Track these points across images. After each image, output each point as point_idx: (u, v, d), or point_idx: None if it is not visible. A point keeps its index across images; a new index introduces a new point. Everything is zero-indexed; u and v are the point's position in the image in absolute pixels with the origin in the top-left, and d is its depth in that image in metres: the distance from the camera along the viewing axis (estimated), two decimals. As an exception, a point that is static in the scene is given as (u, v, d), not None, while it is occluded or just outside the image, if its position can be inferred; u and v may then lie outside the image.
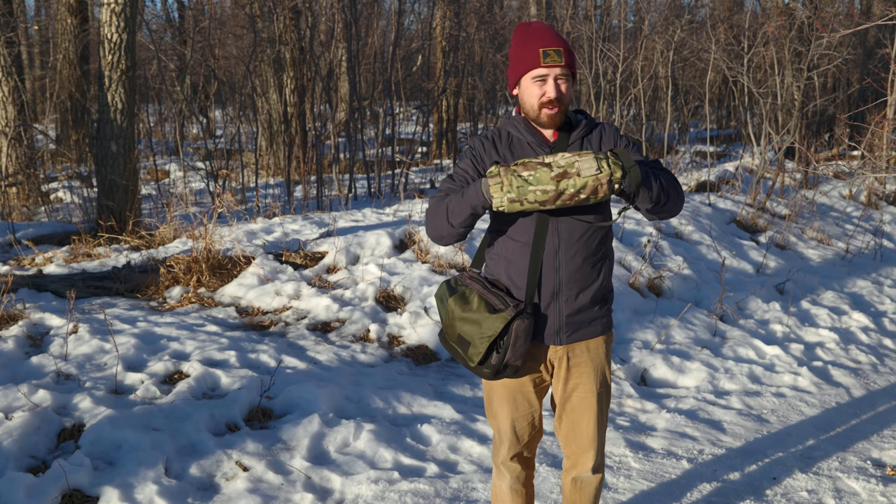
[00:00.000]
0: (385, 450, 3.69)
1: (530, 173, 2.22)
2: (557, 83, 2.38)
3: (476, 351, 2.40)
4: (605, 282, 2.54)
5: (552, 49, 2.35)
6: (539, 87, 2.40)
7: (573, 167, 2.21)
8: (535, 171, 2.22)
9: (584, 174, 2.21)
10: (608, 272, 2.55)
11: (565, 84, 2.39)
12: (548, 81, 2.38)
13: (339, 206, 9.41)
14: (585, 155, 2.21)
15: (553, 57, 2.35)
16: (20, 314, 4.94)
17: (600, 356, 2.56)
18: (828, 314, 5.98)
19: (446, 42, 14.34)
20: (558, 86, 2.38)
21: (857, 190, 9.79)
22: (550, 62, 2.35)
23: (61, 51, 13.78)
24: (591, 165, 2.21)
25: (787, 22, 10.69)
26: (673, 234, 7.32)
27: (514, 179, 2.22)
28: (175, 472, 3.38)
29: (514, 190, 2.23)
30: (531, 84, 2.41)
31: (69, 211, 9.43)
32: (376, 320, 5.22)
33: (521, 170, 2.23)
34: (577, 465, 2.64)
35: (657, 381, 4.88)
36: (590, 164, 2.21)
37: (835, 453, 3.98)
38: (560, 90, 2.38)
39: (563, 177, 2.21)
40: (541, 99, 2.39)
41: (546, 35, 2.40)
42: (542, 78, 2.39)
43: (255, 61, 12.12)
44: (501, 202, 2.24)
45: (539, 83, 2.39)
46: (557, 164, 2.22)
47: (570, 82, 2.41)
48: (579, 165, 2.21)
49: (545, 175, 2.22)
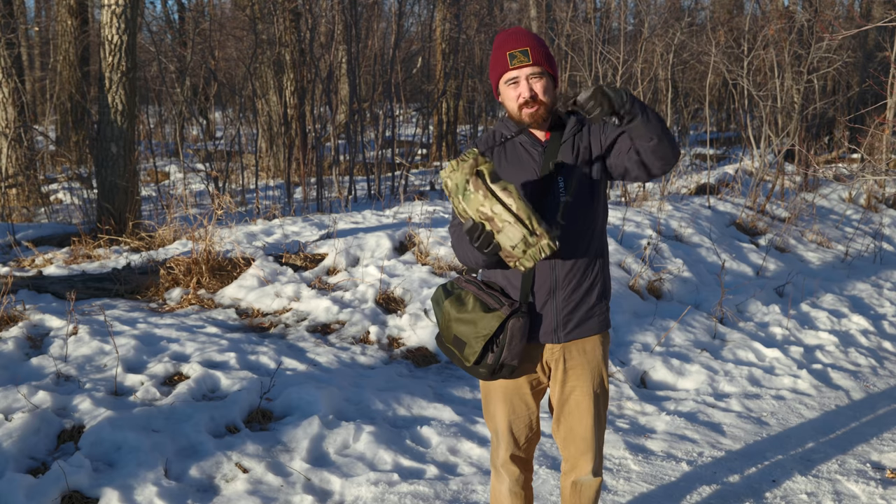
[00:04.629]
0: (385, 452, 3.69)
1: (471, 190, 2.18)
2: (530, 82, 2.38)
3: (472, 351, 2.42)
4: (602, 277, 2.54)
5: (518, 50, 2.35)
6: (514, 89, 2.40)
7: (502, 223, 2.15)
8: (478, 191, 2.17)
9: (502, 237, 2.17)
10: (604, 268, 2.55)
11: (539, 82, 2.38)
12: (520, 83, 2.38)
13: (339, 207, 9.42)
14: (517, 226, 2.15)
15: (519, 58, 2.35)
16: (20, 315, 4.94)
17: (597, 357, 2.56)
18: (827, 317, 5.98)
19: (446, 44, 14.36)
20: (531, 85, 2.38)
21: (856, 193, 9.79)
22: (518, 63, 2.35)
23: (61, 52, 13.79)
24: (514, 238, 2.16)
25: (786, 25, 10.70)
26: (673, 236, 7.32)
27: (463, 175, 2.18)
28: (175, 474, 3.39)
29: (452, 183, 2.21)
30: (506, 88, 2.42)
31: (69, 212, 9.43)
32: (376, 322, 5.22)
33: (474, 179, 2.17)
34: (576, 468, 2.63)
35: (657, 384, 4.88)
36: (515, 237, 2.16)
37: (834, 456, 3.99)
38: (534, 89, 2.38)
39: (488, 220, 2.18)
40: (517, 101, 2.40)
41: (514, 38, 2.39)
42: (514, 80, 2.39)
43: (255, 63, 12.13)
44: (442, 178, 2.24)
45: (513, 86, 2.40)
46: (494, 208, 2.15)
47: (547, 79, 2.40)
48: (507, 229, 2.15)
49: (476, 202, 2.18)
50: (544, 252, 2.19)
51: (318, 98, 12.13)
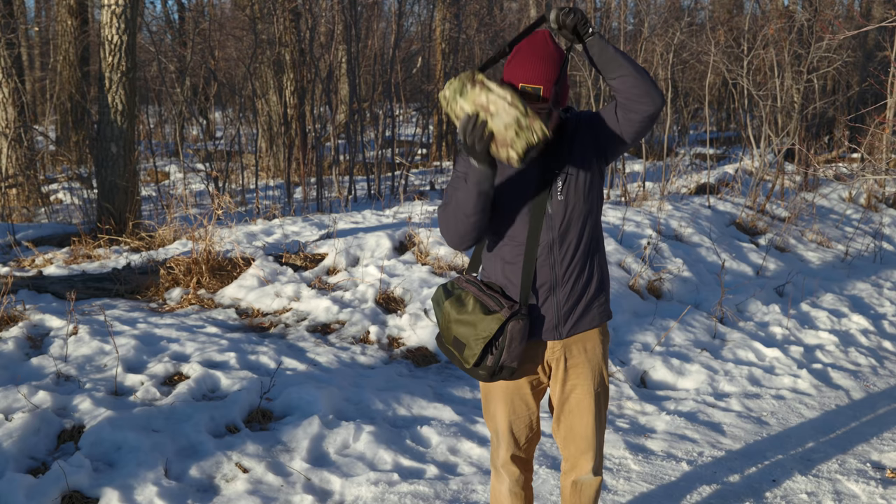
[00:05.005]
0: (385, 451, 3.69)
1: (468, 85, 2.24)
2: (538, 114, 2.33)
3: (471, 353, 2.42)
4: (600, 270, 2.55)
5: (530, 86, 2.30)
6: None
7: (495, 107, 2.21)
8: (475, 86, 2.23)
9: (496, 120, 2.21)
10: (602, 260, 2.56)
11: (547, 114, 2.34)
12: None
13: (339, 207, 9.42)
14: (511, 107, 2.19)
15: (531, 94, 2.31)
16: (20, 315, 4.94)
17: (597, 356, 2.56)
18: (827, 316, 5.98)
19: (446, 44, 14.36)
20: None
21: (856, 192, 9.79)
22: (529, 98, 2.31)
23: (61, 52, 13.79)
24: (508, 119, 2.19)
25: (786, 24, 10.70)
26: (673, 236, 7.32)
27: (462, 82, 2.24)
28: (175, 474, 3.39)
29: (454, 88, 2.25)
30: None
31: (69, 212, 9.43)
32: (376, 322, 5.22)
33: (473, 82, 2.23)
34: (576, 468, 2.64)
35: (657, 384, 4.89)
36: (509, 117, 2.19)
37: (834, 456, 3.99)
38: None
39: (483, 108, 2.22)
40: None
41: (529, 66, 2.32)
42: None
43: (254, 63, 12.13)
44: (441, 93, 2.29)
45: None
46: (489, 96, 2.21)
47: (555, 109, 2.36)
48: (501, 110, 2.20)
49: (473, 95, 2.23)
50: (537, 134, 2.21)
51: (317, 98, 12.14)
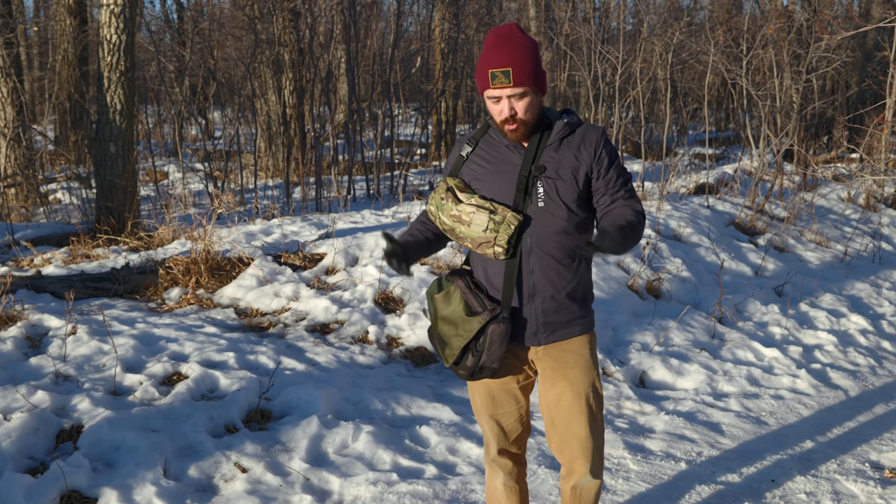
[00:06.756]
0: (384, 451, 3.69)
1: (444, 200, 2.41)
2: (511, 101, 2.33)
3: (451, 352, 2.45)
4: (583, 282, 2.50)
5: (500, 70, 2.28)
6: (495, 104, 2.37)
7: (468, 216, 2.36)
8: (447, 200, 2.41)
9: (473, 227, 2.36)
10: (586, 272, 2.51)
11: (521, 101, 2.33)
12: (501, 101, 2.34)
13: (338, 207, 9.41)
14: (480, 212, 2.33)
15: (500, 79, 2.29)
16: (19, 315, 4.94)
17: (584, 357, 2.51)
18: (826, 316, 5.98)
19: (445, 44, 14.36)
20: (512, 104, 2.33)
21: (855, 192, 9.79)
22: (498, 84, 2.30)
23: (60, 52, 13.78)
24: (482, 222, 2.34)
25: (785, 24, 10.70)
26: (672, 236, 7.32)
27: (440, 196, 2.43)
28: (174, 474, 3.38)
29: (434, 202, 2.46)
30: (489, 101, 2.39)
31: (68, 212, 9.42)
32: (375, 322, 5.22)
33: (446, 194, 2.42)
34: (574, 472, 2.57)
35: (656, 384, 4.89)
36: (482, 221, 2.34)
37: (833, 456, 3.99)
38: (514, 109, 2.34)
39: (458, 221, 2.38)
40: (499, 117, 2.38)
41: (498, 53, 2.31)
42: (495, 98, 2.35)
43: (253, 63, 12.12)
44: (429, 207, 2.49)
45: (494, 102, 2.37)
46: (459, 208, 2.38)
47: (530, 97, 2.34)
48: (474, 217, 2.35)
49: (448, 209, 2.40)
50: (512, 224, 2.34)
51: (316, 98, 12.13)
